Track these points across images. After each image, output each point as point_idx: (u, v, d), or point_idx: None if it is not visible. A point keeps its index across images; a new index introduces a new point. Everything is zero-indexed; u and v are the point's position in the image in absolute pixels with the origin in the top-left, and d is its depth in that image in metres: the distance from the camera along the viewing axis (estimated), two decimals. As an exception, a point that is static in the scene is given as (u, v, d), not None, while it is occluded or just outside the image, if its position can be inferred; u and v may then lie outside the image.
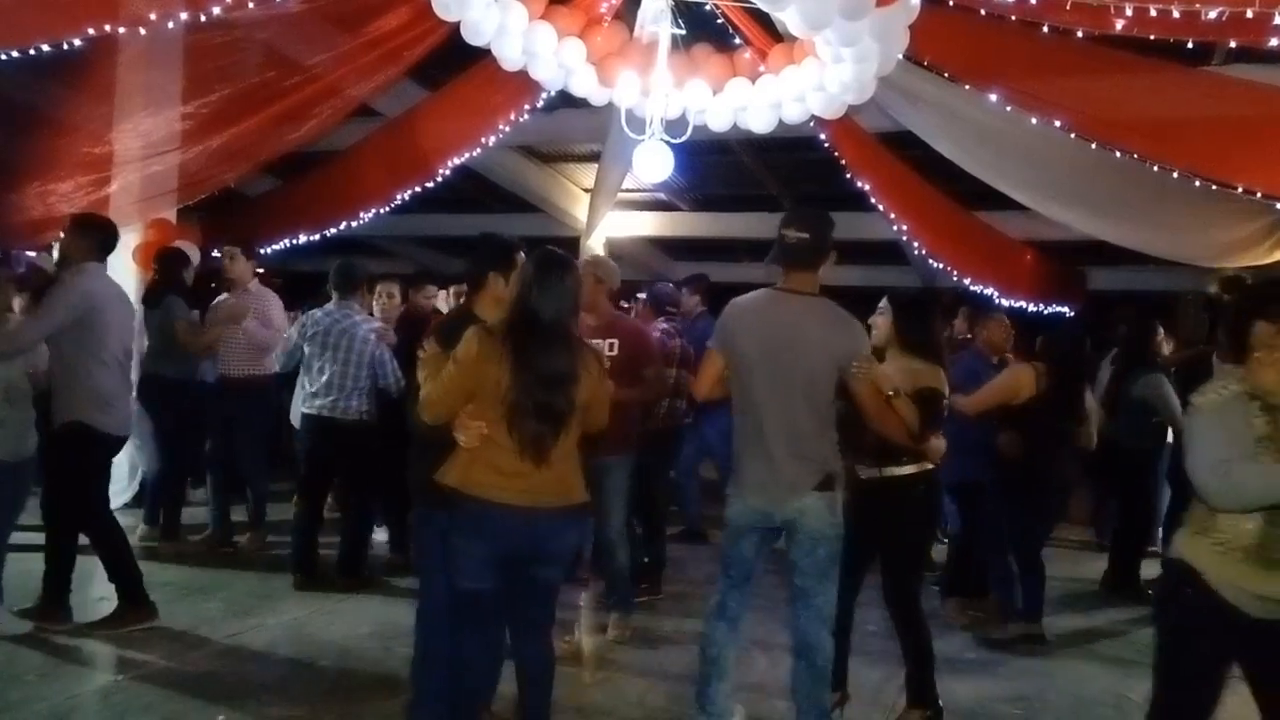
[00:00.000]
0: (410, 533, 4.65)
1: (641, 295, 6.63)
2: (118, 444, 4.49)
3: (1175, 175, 5.52)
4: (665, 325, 5.62)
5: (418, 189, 7.65)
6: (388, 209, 7.97)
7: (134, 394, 5.11)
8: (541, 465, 2.79)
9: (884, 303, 3.81)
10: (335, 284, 5.32)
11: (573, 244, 10.19)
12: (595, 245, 10.62)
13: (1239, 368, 2.53)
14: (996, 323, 5.59)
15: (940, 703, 3.66)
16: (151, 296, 5.94)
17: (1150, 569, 5.97)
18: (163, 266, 6.06)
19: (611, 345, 4.40)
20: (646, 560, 5.52)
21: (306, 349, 5.22)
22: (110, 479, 4.62)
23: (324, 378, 5.11)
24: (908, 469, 3.58)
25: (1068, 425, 4.87)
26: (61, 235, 4.86)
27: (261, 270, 6.52)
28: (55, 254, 5.89)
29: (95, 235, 4.41)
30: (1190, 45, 4.51)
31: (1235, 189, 5.43)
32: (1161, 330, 6.08)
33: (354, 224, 8.12)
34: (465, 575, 2.88)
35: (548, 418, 2.79)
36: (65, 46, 5.06)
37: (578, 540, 3.05)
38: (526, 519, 2.81)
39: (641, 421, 4.78)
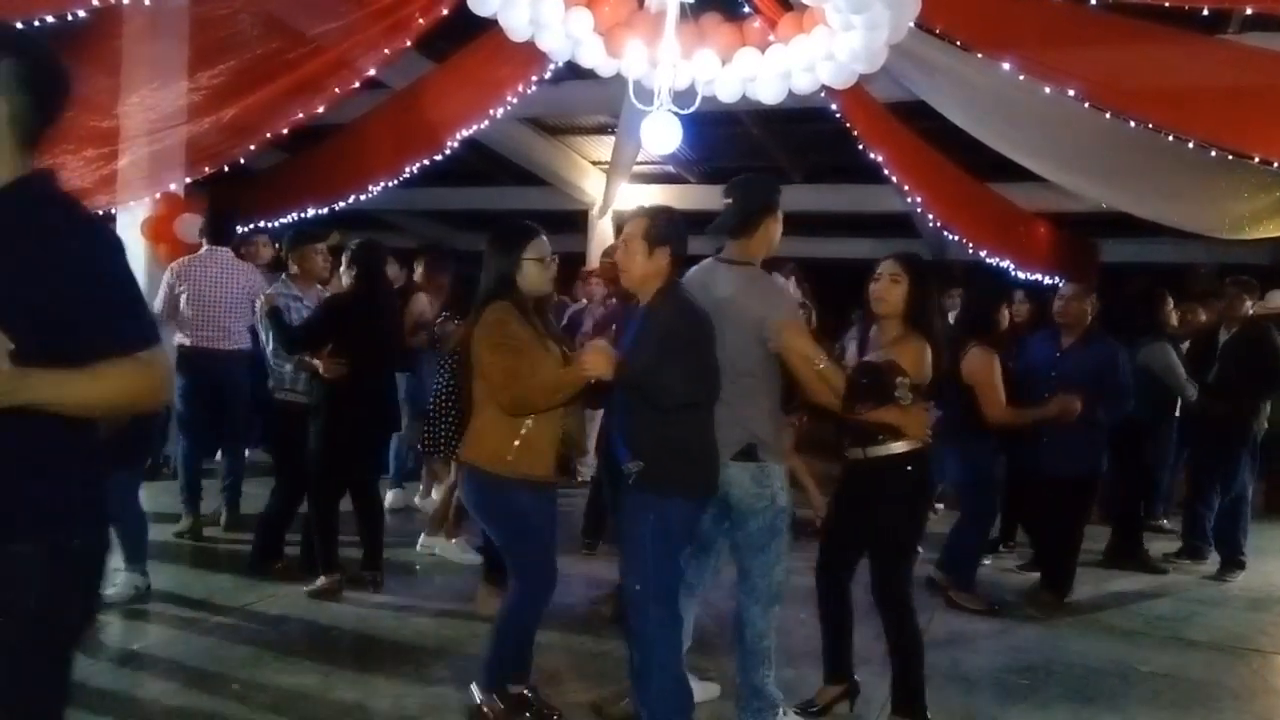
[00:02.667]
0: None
1: None
2: None
3: (1191, 145, 5.45)
4: None
5: (425, 162, 7.62)
6: (395, 182, 7.95)
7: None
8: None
9: (892, 265, 3.33)
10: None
11: (581, 217, 10.16)
12: (604, 220, 10.60)
13: None
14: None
15: (928, 714, 3.29)
16: None
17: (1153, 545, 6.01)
18: None
19: None
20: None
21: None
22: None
23: (269, 350, 4.84)
24: (893, 448, 3.23)
25: None
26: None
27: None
28: None
29: None
30: (1205, 12, 4.45)
31: (1252, 159, 5.36)
32: (1171, 301, 5.99)
33: (361, 198, 8.11)
34: None
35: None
36: (69, 17, 5.04)
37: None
38: None
39: None
